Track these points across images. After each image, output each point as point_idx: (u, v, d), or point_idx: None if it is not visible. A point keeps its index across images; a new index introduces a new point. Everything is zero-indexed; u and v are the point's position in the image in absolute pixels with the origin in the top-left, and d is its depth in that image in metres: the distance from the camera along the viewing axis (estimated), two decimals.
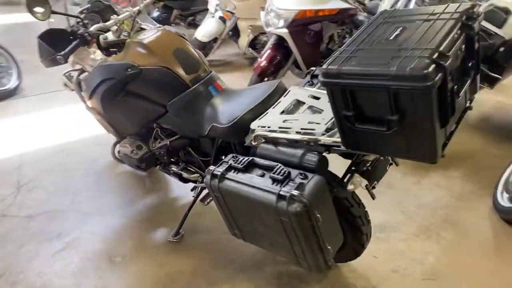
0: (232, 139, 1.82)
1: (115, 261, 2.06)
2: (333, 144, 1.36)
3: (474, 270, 1.94)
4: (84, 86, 2.22)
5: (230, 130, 1.73)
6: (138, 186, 2.69)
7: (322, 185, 1.35)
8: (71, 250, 2.13)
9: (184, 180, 2.22)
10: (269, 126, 1.56)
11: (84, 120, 3.09)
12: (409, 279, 1.90)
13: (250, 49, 4.70)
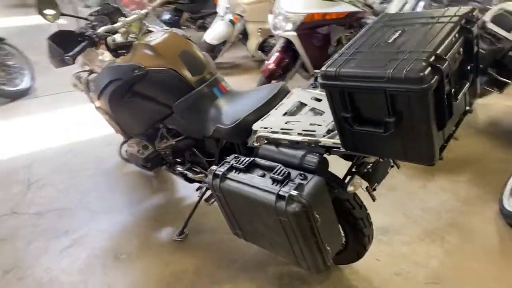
0: (235, 140, 1.84)
1: (121, 258, 2.10)
2: (333, 145, 1.38)
3: (478, 274, 1.93)
4: (92, 86, 2.27)
5: (233, 131, 1.75)
6: (145, 185, 2.73)
7: (321, 186, 1.36)
8: (78, 247, 2.18)
9: (189, 180, 2.25)
10: (271, 127, 1.58)
11: (93, 120, 3.14)
12: (412, 282, 1.89)
13: (260, 52, 4.72)
